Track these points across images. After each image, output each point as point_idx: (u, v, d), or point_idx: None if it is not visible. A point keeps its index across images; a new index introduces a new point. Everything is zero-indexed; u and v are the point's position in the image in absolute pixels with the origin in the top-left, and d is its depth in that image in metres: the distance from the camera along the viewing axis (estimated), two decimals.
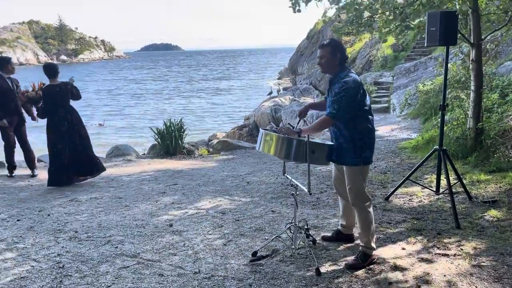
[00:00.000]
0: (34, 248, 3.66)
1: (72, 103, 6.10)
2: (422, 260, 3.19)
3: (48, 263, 3.34)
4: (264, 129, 3.23)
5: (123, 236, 3.89)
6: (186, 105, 28.51)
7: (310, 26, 30.00)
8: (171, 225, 4.14)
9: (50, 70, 5.93)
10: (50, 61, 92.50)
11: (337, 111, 2.96)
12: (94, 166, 6.19)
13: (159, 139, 8.87)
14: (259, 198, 4.97)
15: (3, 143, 6.54)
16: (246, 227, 4.02)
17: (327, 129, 3.41)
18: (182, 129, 8.90)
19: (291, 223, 3.32)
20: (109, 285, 2.97)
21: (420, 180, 5.29)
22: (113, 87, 42.23)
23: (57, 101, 5.90)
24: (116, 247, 3.62)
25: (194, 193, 5.40)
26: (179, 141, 8.83)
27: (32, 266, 3.30)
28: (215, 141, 13.02)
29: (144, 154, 9.66)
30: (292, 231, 3.29)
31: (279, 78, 40.17)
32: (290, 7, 6.34)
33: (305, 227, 3.43)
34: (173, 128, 8.72)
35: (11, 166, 6.67)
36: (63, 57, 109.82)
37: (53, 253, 3.54)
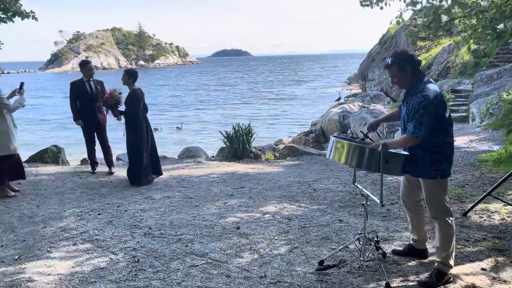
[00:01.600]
0: (112, 241, 3.91)
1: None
2: (504, 282, 2.95)
3: (124, 257, 3.55)
4: (335, 136, 3.19)
5: (193, 235, 4.03)
6: (254, 109, 28.95)
7: (381, 32, 29.12)
8: (238, 228, 4.22)
9: (135, 75, 6.31)
10: (129, 66, 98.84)
11: (420, 130, 2.82)
12: (160, 167, 6.60)
13: (227, 143, 9.09)
14: (326, 206, 4.90)
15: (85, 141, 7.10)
16: (312, 234, 3.98)
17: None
18: (250, 134, 9.05)
19: (361, 234, 3.23)
20: (179, 282, 3.09)
21: (503, 196, 4.89)
22: (185, 91, 44.07)
23: (140, 105, 6.29)
24: (186, 246, 3.77)
25: (260, 197, 5.45)
26: (247, 145, 8.98)
27: (111, 258, 3.53)
28: (281, 146, 13.06)
29: (213, 156, 9.95)
30: (361, 243, 3.20)
31: (348, 84, 39.39)
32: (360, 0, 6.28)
33: (375, 239, 3.32)
34: (241, 132, 8.90)
35: (93, 163, 7.20)
36: (141, 62, 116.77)
37: (129, 247, 3.76)
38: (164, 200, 5.38)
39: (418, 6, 6.07)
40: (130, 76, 6.24)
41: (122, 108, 6.41)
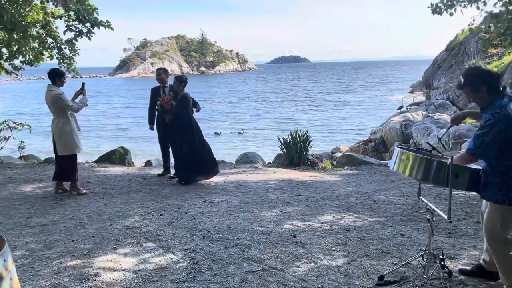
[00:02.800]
0: (173, 242, 4.05)
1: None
2: None
3: (184, 258, 3.66)
4: (400, 147, 3.07)
5: (250, 241, 4.07)
6: (310, 116, 28.74)
7: (449, 38, 27.74)
8: (295, 236, 4.19)
9: (186, 80, 6.74)
10: (191, 72, 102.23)
11: (478, 147, 2.67)
12: (211, 168, 6.82)
13: (284, 149, 9.09)
14: (387, 219, 4.73)
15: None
16: (372, 248, 3.86)
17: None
18: (308, 141, 8.98)
19: (425, 250, 3.08)
20: (236, 286, 3.13)
21: None
22: (242, 97, 44.76)
23: (190, 108, 6.65)
24: (243, 251, 3.80)
25: (317, 206, 5.39)
26: (304, 152, 8.93)
27: (171, 258, 3.66)
28: (338, 154, 12.83)
29: (269, 162, 9.99)
30: (425, 259, 3.04)
31: (410, 92, 37.90)
32: (428, 7, 6.07)
33: (440, 256, 3.15)
34: (298, 139, 8.86)
35: (164, 167, 7.49)
36: (202, 68, 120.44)
37: (189, 249, 3.87)
38: (222, 204, 5.48)
39: (491, 10, 5.75)
40: (180, 82, 6.68)
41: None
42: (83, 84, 6.18)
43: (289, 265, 3.49)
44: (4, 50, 10.24)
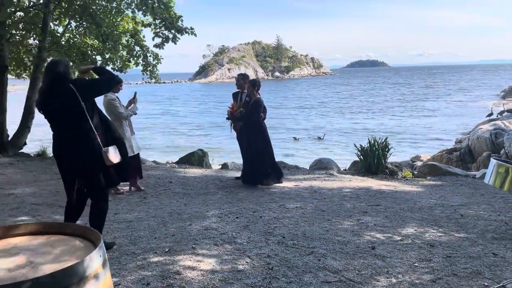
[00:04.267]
0: (248, 246, 4.08)
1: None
2: None
3: (259, 262, 3.67)
4: (496, 159, 2.81)
5: (326, 250, 3.97)
6: (389, 122, 27.59)
7: None
8: (373, 248, 4.02)
9: (259, 84, 6.83)
10: (266, 77, 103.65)
11: None
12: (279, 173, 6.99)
13: (361, 156, 8.81)
14: (477, 236, 4.35)
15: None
16: (459, 266, 3.56)
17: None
18: (387, 148, 8.62)
19: None
20: None
21: None
22: (317, 102, 44.32)
23: (261, 111, 6.73)
24: (319, 260, 3.72)
25: (398, 217, 5.12)
26: (382, 160, 8.58)
27: (247, 262, 3.68)
28: (418, 163, 12.16)
29: (345, 169, 9.75)
30: None
31: (502, 98, 34.86)
32: None
33: None
34: (377, 147, 8.54)
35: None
36: (277, 73, 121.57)
37: (264, 253, 3.87)
38: (297, 210, 5.43)
39: None
40: (253, 86, 6.75)
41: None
42: (135, 93, 6.44)
43: (368, 279, 3.34)
44: (98, 57, 11.19)
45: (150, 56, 11.50)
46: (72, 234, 2.05)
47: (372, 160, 8.52)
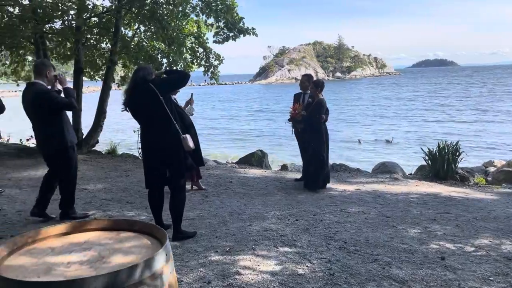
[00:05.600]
0: (309, 249, 4.01)
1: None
2: None
3: (320, 267, 3.59)
4: None
5: (391, 258, 3.79)
6: (460, 125, 25.96)
7: None
8: (443, 258, 3.77)
9: (323, 85, 6.69)
10: (326, 77, 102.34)
11: None
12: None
13: (429, 161, 8.37)
14: None
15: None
16: None
17: None
18: (458, 152, 8.11)
19: None
20: None
21: None
22: (381, 104, 42.88)
23: (322, 113, 6.58)
24: (383, 268, 3.56)
25: (470, 227, 4.78)
26: (452, 165, 8.08)
27: (307, 266, 3.61)
28: (491, 169, 11.33)
29: (410, 174, 9.31)
30: None
31: None
32: None
33: None
34: (446, 151, 8.06)
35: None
36: (338, 74, 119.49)
37: (325, 258, 3.78)
38: (359, 215, 5.26)
39: None
40: (317, 86, 6.63)
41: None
42: (191, 94, 6.49)
43: None
44: (164, 60, 11.64)
45: (212, 57, 11.78)
46: (140, 231, 2.12)
47: (441, 164, 8.07)
